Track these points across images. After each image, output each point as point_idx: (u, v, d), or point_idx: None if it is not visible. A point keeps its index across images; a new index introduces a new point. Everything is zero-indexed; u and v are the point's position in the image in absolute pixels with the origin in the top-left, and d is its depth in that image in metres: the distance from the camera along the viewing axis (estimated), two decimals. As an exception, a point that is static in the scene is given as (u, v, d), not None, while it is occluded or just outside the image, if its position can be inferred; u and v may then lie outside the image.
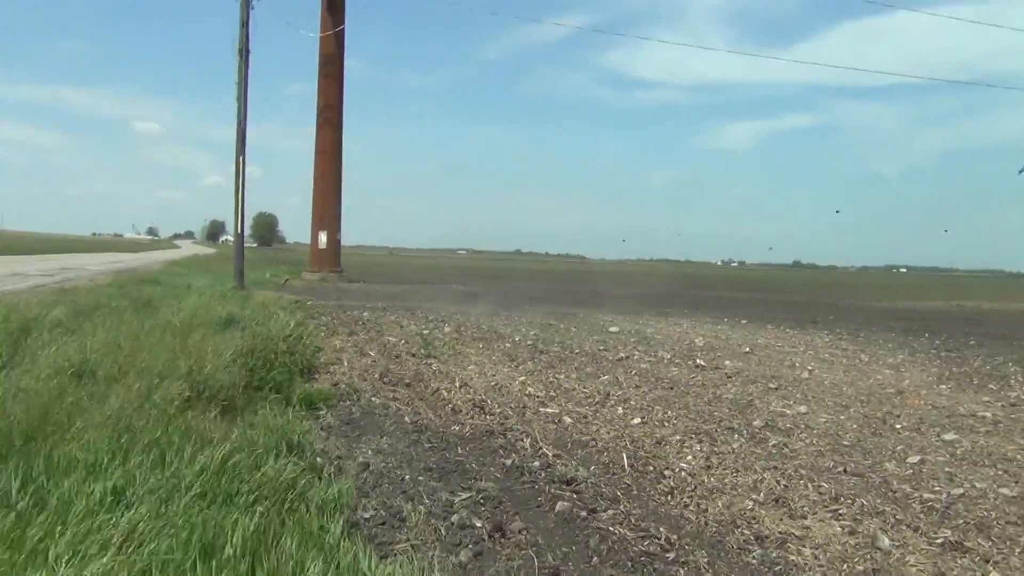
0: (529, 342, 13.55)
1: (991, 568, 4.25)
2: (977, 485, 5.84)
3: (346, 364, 10.32)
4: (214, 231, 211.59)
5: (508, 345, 13.06)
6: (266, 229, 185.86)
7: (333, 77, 33.28)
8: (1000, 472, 6.27)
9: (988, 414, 8.61)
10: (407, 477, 5.60)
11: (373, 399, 8.34)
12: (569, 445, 6.69)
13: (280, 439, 5.73)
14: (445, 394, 8.67)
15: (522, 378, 9.78)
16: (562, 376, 10.08)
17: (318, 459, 5.77)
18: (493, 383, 9.39)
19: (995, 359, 13.89)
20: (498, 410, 7.91)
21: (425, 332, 14.33)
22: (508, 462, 6.10)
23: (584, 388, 9.27)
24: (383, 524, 4.59)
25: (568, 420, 7.59)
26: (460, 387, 9.04)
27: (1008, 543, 4.65)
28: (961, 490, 5.70)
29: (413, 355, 11.47)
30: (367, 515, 4.70)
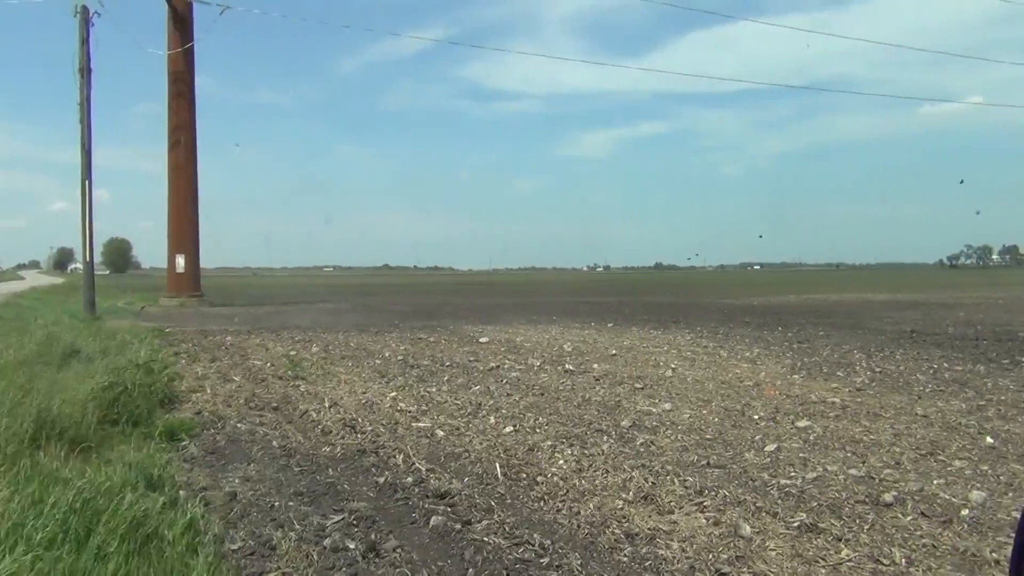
0: (399, 357, 13.47)
1: (843, 546, 4.50)
2: (829, 468, 6.17)
3: (209, 391, 9.98)
4: (62, 259, 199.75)
5: (378, 361, 12.94)
6: (119, 255, 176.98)
7: (183, 95, 32.21)
8: (849, 454, 6.65)
9: (837, 400, 9.12)
10: (277, 503, 5.46)
11: (239, 426, 8.09)
12: (442, 458, 6.69)
13: (139, 474, 5.49)
14: (314, 415, 8.50)
15: (393, 394, 9.71)
16: (434, 389, 10.06)
17: (181, 492, 5.54)
18: (364, 401, 9.28)
19: (842, 347, 14.74)
20: (369, 428, 7.82)
21: (292, 353, 14.03)
22: (381, 480, 6.04)
23: (456, 400, 9.29)
24: (252, 554, 4.45)
25: (441, 433, 7.58)
26: (330, 407, 8.89)
27: (857, 521, 4.93)
28: (815, 474, 6.02)
29: (280, 378, 11.21)
30: (235, 546, 4.55)
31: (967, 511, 5.08)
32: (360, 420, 8.18)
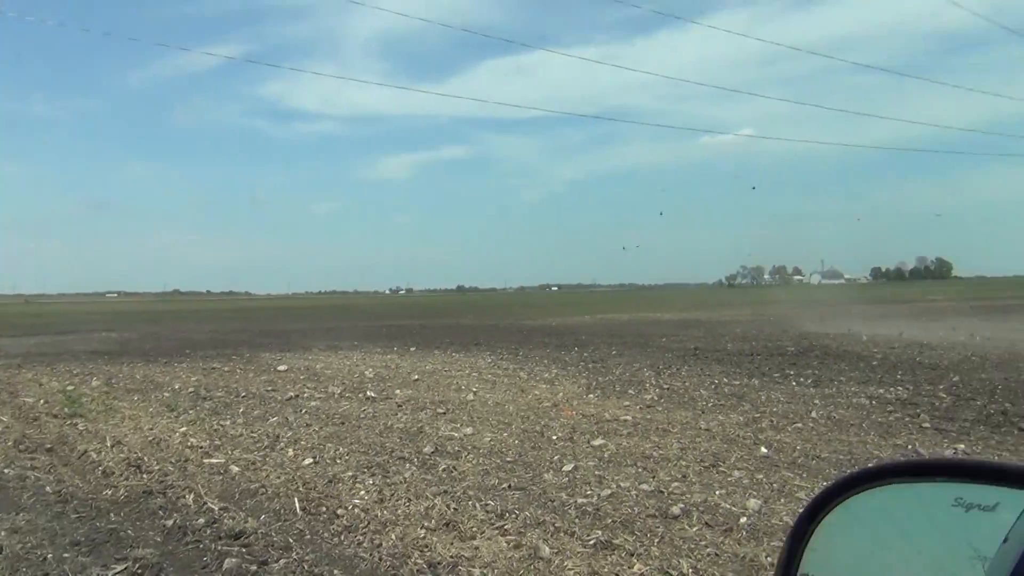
0: (190, 389, 12.80)
1: (635, 561, 4.70)
2: (622, 484, 6.43)
3: (-30, 434, 9.05)
4: None
5: (167, 394, 12.24)
6: None
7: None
8: (640, 470, 6.97)
9: (629, 417, 9.54)
10: (50, 556, 5.01)
11: (6, 471, 7.39)
12: (237, 496, 6.40)
13: None
14: (95, 456, 7.91)
15: (183, 429, 9.21)
16: (228, 422, 9.63)
17: (-66, 551, 4.98)
18: (151, 438, 8.74)
19: (633, 366, 15.46)
20: (157, 467, 7.37)
21: (70, 388, 13.00)
22: (169, 523, 5.69)
23: (252, 433, 8.94)
24: (20, 616, 4.06)
25: (236, 469, 7.26)
26: (112, 446, 8.31)
27: (648, 535, 5.17)
28: (609, 491, 6.25)
29: (55, 416, 10.35)
30: (0, 608, 4.14)
31: (745, 519, 5.44)
32: (146, 459, 7.69)
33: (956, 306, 44.86)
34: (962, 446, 7.70)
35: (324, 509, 5.97)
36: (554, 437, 8.49)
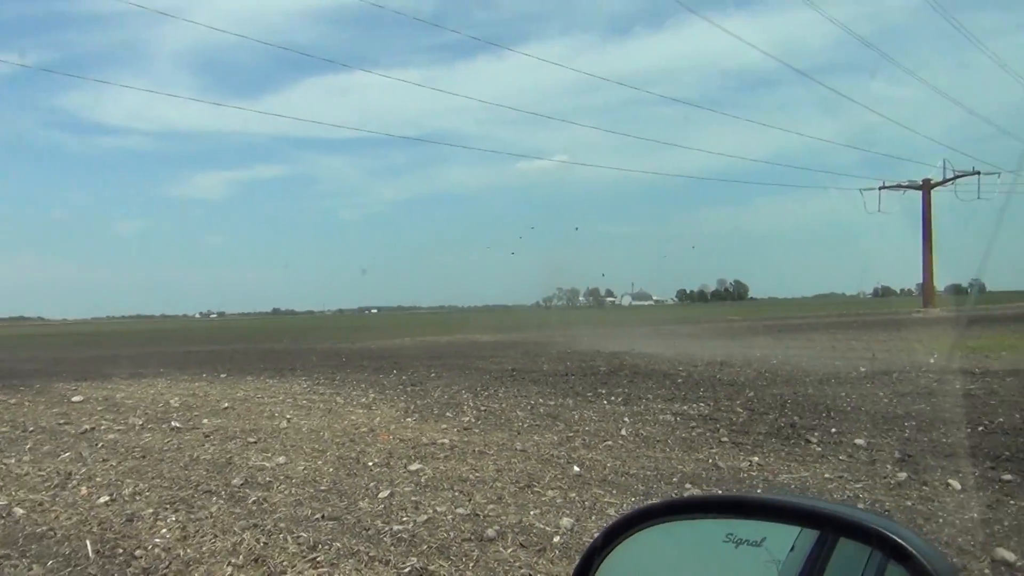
0: (-31, 424, 11.67)
1: (450, 586, 4.69)
2: (438, 509, 6.42)
3: None
4: None
5: (-59, 431, 11.10)
6: None
7: None
8: (457, 494, 6.98)
9: (446, 440, 9.55)
10: None
11: None
12: (21, 541, 5.88)
13: None
14: None
15: (-41, 469, 8.37)
16: (12, 460, 8.85)
17: None
18: (-81, 481, 7.89)
19: (451, 388, 15.50)
20: (-75, 513, 6.65)
21: None
22: (-61, 575, 5.15)
23: (40, 471, 8.25)
24: None
25: (20, 511, 6.67)
26: None
27: (464, 559, 5.18)
28: (425, 516, 6.22)
29: None
30: None
31: (558, 538, 5.57)
32: (-87, 504, 6.93)
33: (751, 326, 48.08)
34: (756, 458, 8.22)
35: (121, 551, 5.59)
36: (370, 463, 8.36)
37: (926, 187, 67.33)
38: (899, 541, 0.93)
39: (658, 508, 1.17)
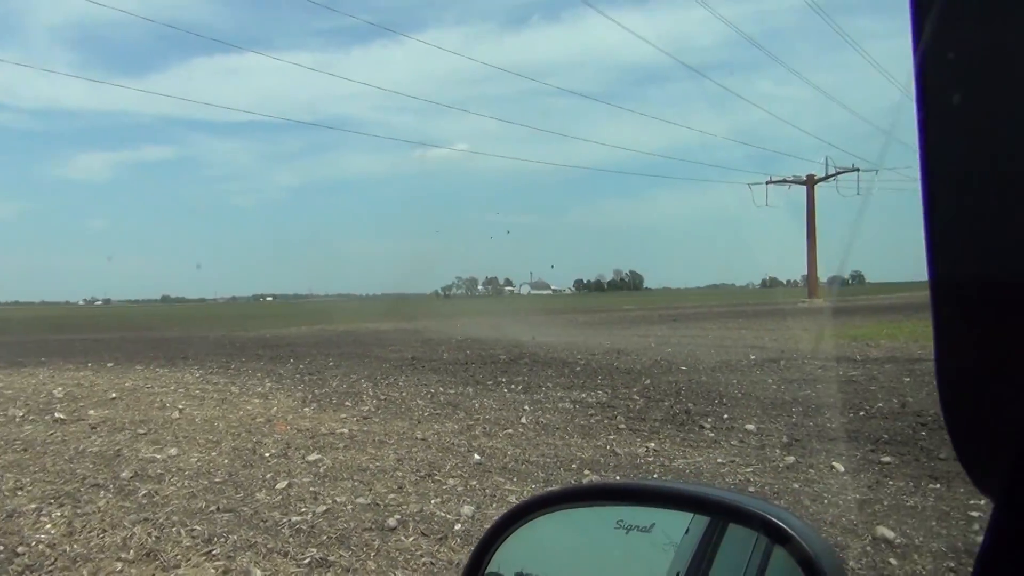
0: None
1: (351, 576, 4.65)
2: (338, 499, 6.35)
3: None
4: None
5: None
6: None
7: None
8: (357, 483, 6.92)
9: (345, 430, 9.44)
10: None
11: None
12: None
13: None
14: None
15: None
16: None
17: None
18: None
19: (351, 377, 15.33)
20: None
21: None
22: None
23: (-91, 466, 7.78)
24: None
25: None
26: None
27: (365, 549, 5.15)
28: (325, 507, 6.15)
29: None
30: None
31: (459, 525, 5.59)
32: None
33: (647, 315, 49.15)
34: (653, 444, 8.43)
35: (1, 547, 5.33)
36: (267, 454, 8.20)
37: (810, 182, 70.07)
38: (779, 524, 0.97)
39: (549, 497, 1.20)
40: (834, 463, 7.30)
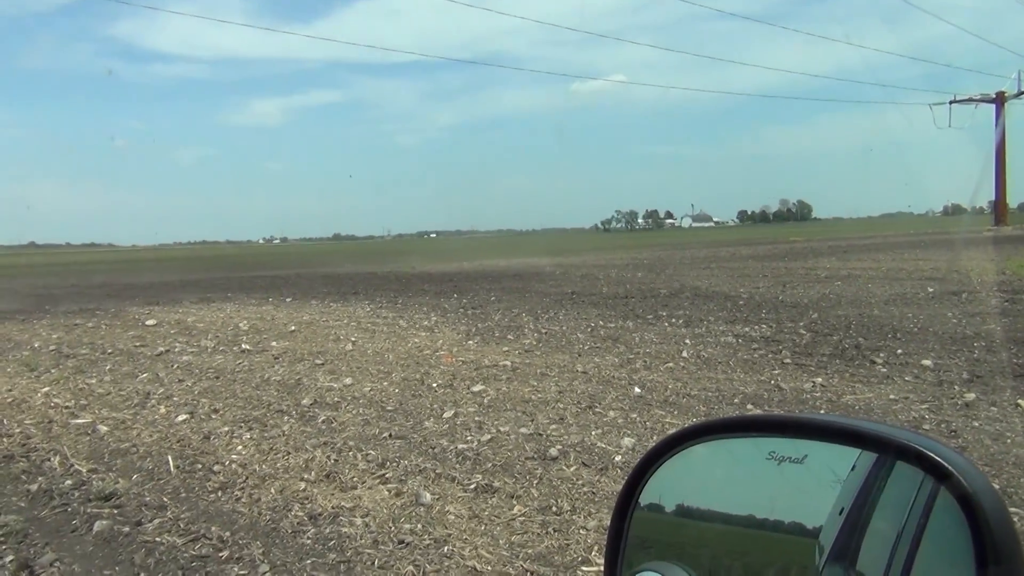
0: (52, 347, 12.20)
1: (515, 503, 4.82)
2: (502, 429, 6.55)
3: None
4: None
5: (26, 353, 11.64)
6: None
7: None
8: (520, 414, 7.10)
9: (508, 362, 9.68)
10: (-99, 529, 4.75)
11: None
12: (106, 456, 6.19)
13: None
14: (-53, 421, 7.47)
15: (46, 389, 8.80)
16: (94, 380, 9.26)
17: None
18: (9, 400, 8.33)
19: (512, 311, 15.63)
20: (18, 430, 7.04)
21: (-85, 350, 12.18)
22: (34, 487, 5.47)
23: (121, 391, 8.62)
24: None
25: (104, 428, 7.00)
26: (-34, 410, 7.86)
27: (528, 477, 5.30)
28: (489, 436, 6.36)
29: (-100, 380, 9.69)
30: None
31: (620, 457, 5.65)
32: (6, 422, 7.33)
33: (815, 246, 47.18)
34: (820, 379, 8.17)
35: (200, 466, 5.85)
36: (434, 385, 8.53)
37: (1000, 100, 64.38)
38: (937, 459, 0.94)
39: (702, 427, 1.20)
40: (1020, 400, 6.85)
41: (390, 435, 6.50)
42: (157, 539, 4.44)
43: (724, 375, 8.60)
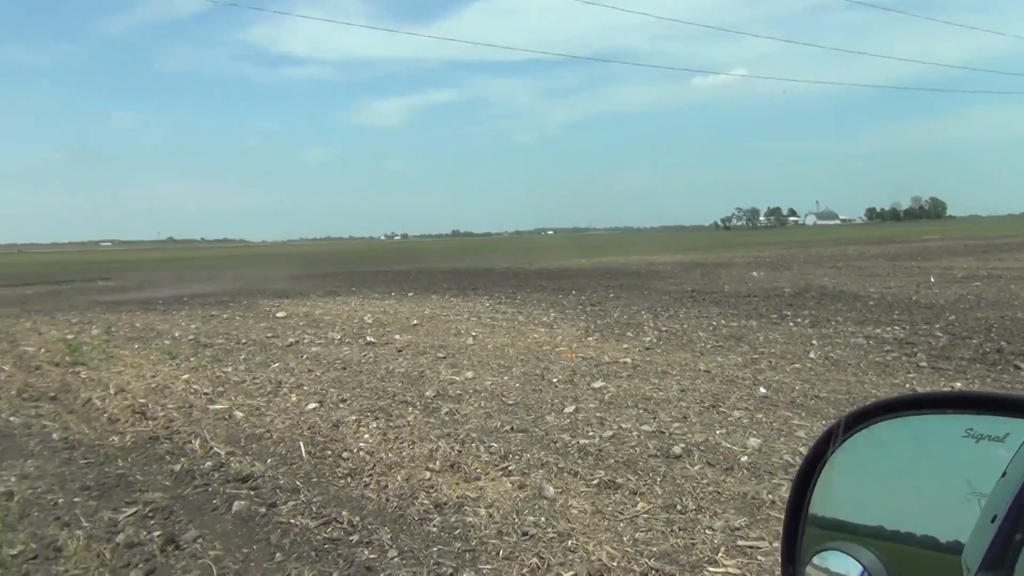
0: (191, 337, 12.85)
1: (639, 499, 4.77)
2: (623, 426, 6.51)
3: (-26, 383, 9.12)
4: None
5: (168, 342, 12.29)
6: None
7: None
8: (641, 411, 7.04)
9: (628, 359, 9.60)
10: (61, 500, 5.10)
11: (11, 419, 7.47)
12: (243, 440, 6.47)
13: None
14: (99, 403, 7.97)
15: (186, 376, 9.27)
16: (230, 369, 9.69)
17: (-54, 497, 5.06)
18: (153, 385, 8.80)
19: (631, 309, 15.51)
20: (162, 413, 7.44)
21: (70, 337, 13.03)
22: (177, 468, 5.77)
23: (254, 379, 9.00)
24: (35, 558, 4.14)
25: (240, 414, 7.32)
26: (116, 394, 8.36)
27: (651, 474, 5.24)
28: (611, 432, 6.32)
29: (57, 364, 10.40)
30: (14, 551, 4.20)
31: (746, 457, 5.52)
32: (151, 405, 7.76)
33: (950, 245, 44.92)
34: (959, 384, 7.77)
35: (329, 452, 6.05)
36: (554, 380, 8.55)
37: None
38: None
39: (891, 403, 1.14)
40: None
41: (512, 428, 6.55)
42: (291, 521, 4.61)
43: (855, 377, 8.29)
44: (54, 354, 11.25)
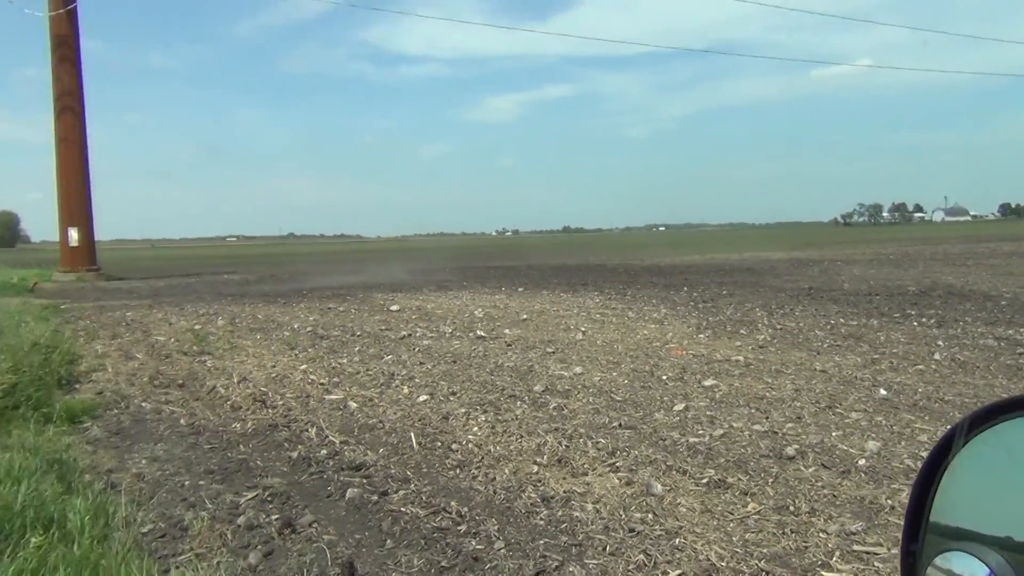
0: (309, 328, 13.28)
1: (749, 500, 4.67)
2: (735, 425, 6.38)
3: (111, 370, 9.68)
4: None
5: (287, 333, 12.74)
6: (5, 228, 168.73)
7: (68, 60, 30.66)
8: (753, 411, 6.88)
9: (740, 358, 9.40)
10: (187, 483, 5.36)
11: (143, 404, 7.88)
12: (356, 430, 6.65)
13: (40, 460, 5.29)
14: (223, 391, 8.33)
15: (304, 366, 9.59)
16: (345, 360, 9.97)
17: (86, 476, 5.39)
18: (273, 375, 9.14)
19: (744, 306, 15.17)
20: (280, 402, 7.71)
21: (197, 327, 13.68)
22: (294, 454, 5.98)
23: (368, 370, 9.23)
24: (163, 536, 4.37)
25: (354, 405, 7.53)
26: (238, 382, 8.72)
27: (762, 475, 5.12)
28: (721, 431, 6.21)
29: (185, 353, 10.92)
30: (145, 529, 4.45)
31: (864, 461, 5.33)
32: (271, 394, 8.06)
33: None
34: (1100, 390, 7.30)
35: (439, 444, 6.15)
36: (664, 377, 8.45)
37: None
38: None
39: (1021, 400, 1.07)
40: None
41: (620, 425, 6.51)
42: (402, 509, 4.71)
43: (983, 380, 7.89)
44: (183, 343, 11.82)
